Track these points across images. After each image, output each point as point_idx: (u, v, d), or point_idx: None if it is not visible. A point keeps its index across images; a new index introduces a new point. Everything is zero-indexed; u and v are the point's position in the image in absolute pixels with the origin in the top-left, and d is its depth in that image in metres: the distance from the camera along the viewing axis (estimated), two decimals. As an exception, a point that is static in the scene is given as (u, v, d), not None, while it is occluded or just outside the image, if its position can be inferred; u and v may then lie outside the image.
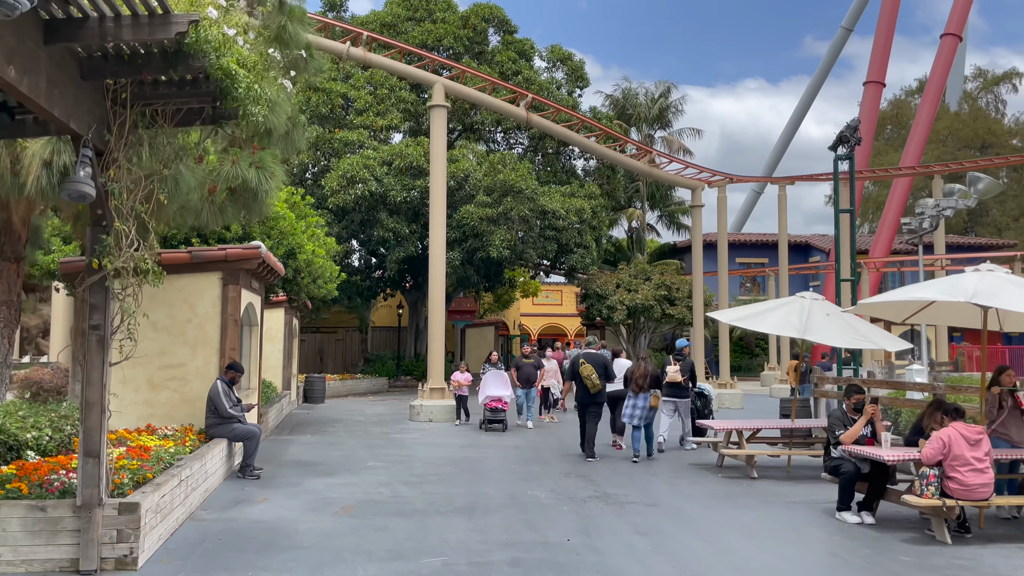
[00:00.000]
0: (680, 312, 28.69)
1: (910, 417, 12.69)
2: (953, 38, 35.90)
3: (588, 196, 28.78)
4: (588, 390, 11.89)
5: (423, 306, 35.83)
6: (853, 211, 13.99)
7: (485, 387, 15.40)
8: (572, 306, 61.99)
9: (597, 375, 11.87)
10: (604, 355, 12.56)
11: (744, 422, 11.64)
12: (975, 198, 12.74)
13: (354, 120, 28.79)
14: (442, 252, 18.25)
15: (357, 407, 21.81)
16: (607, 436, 13.69)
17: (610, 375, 12.19)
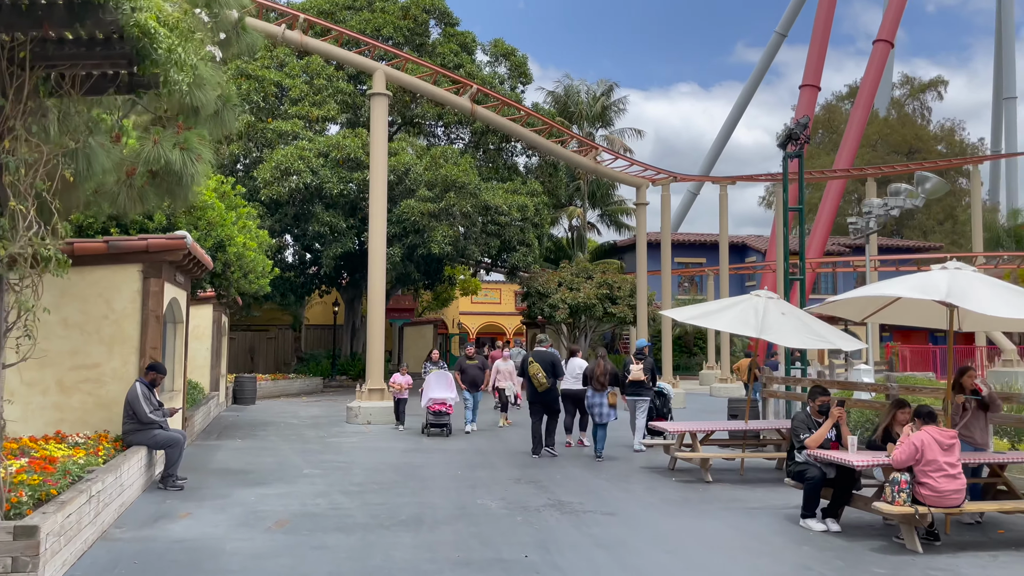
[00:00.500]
0: (622, 311, 28.53)
1: (859, 418, 12.58)
2: (885, 44, 36.71)
3: (530, 193, 28.33)
4: (536, 389, 12.23)
5: (360, 304, 34.86)
6: (802, 209, 13.87)
7: (428, 389, 14.43)
8: (511, 305, 61.63)
9: (544, 374, 12.14)
10: (553, 354, 12.65)
11: (698, 424, 11.30)
12: (922, 198, 12.73)
13: (289, 110, 27.71)
14: (382, 247, 17.51)
15: (290, 408, 20.86)
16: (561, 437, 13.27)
17: (558, 373, 12.35)
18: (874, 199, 14.35)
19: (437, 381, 14.42)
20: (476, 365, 15.31)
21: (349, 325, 34.53)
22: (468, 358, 15.52)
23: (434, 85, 19.10)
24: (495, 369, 16.51)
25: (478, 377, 15.21)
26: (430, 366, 15.30)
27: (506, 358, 16.77)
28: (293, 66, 28.32)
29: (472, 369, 15.23)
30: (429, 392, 14.41)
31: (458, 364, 15.51)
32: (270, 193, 25.32)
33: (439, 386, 14.39)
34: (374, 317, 17.31)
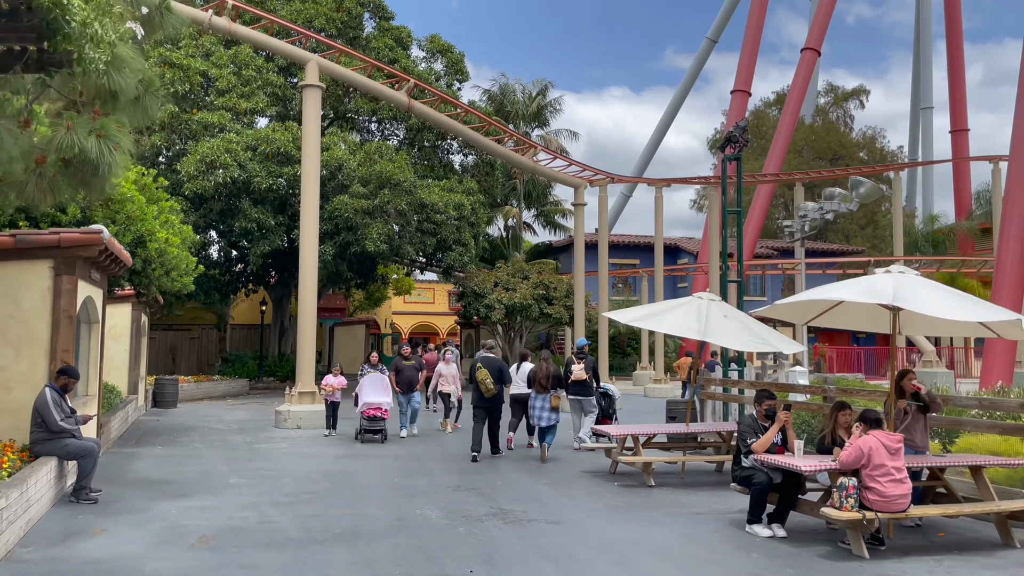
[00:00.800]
0: (558, 311, 28.43)
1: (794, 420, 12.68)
2: (812, 52, 37.69)
3: (467, 192, 27.99)
4: (483, 395, 12.19)
5: (289, 302, 33.90)
6: (740, 212, 13.94)
7: (363, 392, 13.80)
8: (445, 304, 61.06)
9: (492, 380, 12.14)
10: (500, 360, 12.75)
11: (640, 427, 11.17)
12: (856, 202, 12.93)
13: (215, 101, 26.67)
14: (314, 244, 16.92)
15: (215, 412, 20.02)
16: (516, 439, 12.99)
17: (505, 379, 12.47)
18: (809, 203, 14.57)
19: (372, 384, 13.79)
20: (412, 366, 14.74)
21: (277, 325, 33.56)
22: (404, 358, 14.91)
23: (369, 79, 18.54)
24: (437, 373, 15.95)
25: (414, 378, 14.63)
26: (367, 368, 14.56)
27: (448, 361, 16.17)
28: (220, 55, 27.29)
29: (408, 370, 14.66)
30: (363, 396, 13.78)
31: (393, 364, 14.86)
32: (194, 187, 24.32)
33: (374, 389, 13.76)
34: (305, 316, 16.70)
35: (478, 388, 12.12)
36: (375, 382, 13.88)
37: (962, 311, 6.84)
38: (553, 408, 12.14)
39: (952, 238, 38.75)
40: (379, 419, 13.75)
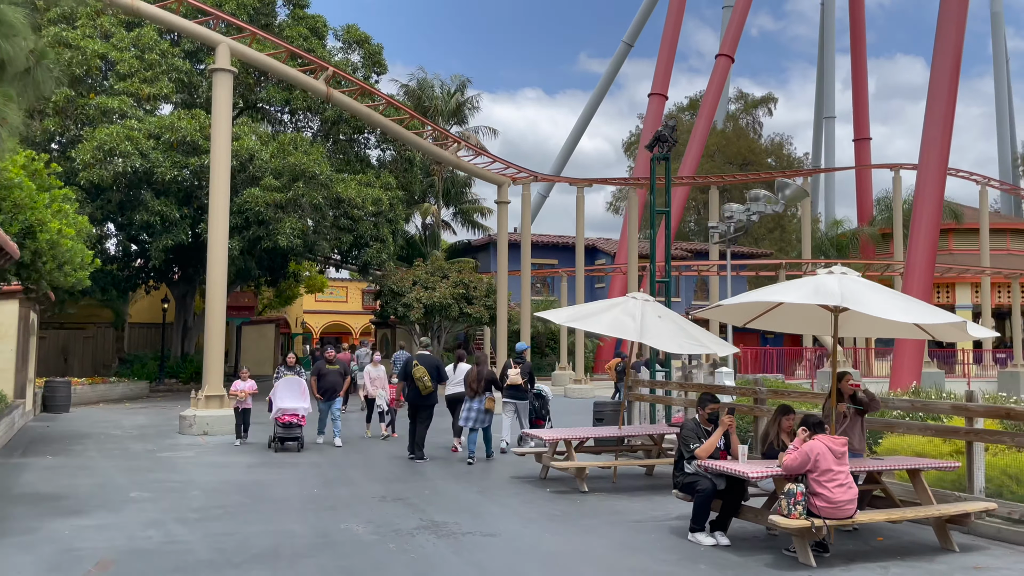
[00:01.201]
0: (478, 311, 27.99)
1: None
2: (726, 59, 38.50)
3: (385, 187, 27.19)
4: (420, 392, 12.04)
5: (193, 300, 32.30)
6: (669, 212, 13.84)
7: (277, 397, 12.67)
8: (358, 303, 59.83)
9: (429, 377, 12.02)
10: (437, 359, 12.80)
11: (572, 431, 10.83)
12: (782, 203, 13.02)
13: (115, 86, 25.06)
14: (224, 237, 15.94)
15: (112, 417, 18.70)
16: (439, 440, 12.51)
17: (442, 377, 12.49)
18: (734, 204, 14.65)
19: (288, 388, 12.78)
20: (337, 371, 13.66)
21: (180, 323, 31.93)
22: (328, 362, 13.79)
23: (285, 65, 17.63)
24: (367, 376, 15.04)
25: (337, 384, 13.55)
26: (283, 371, 13.42)
27: (376, 363, 15.22)
28: (121, 37, 25.67)
29: (332, 375, 13.53)
30: (278, 401, 12.68)
31: (316, 368, 13.76)
32: (91, 176, 22.78)
33: (290, 394, 12.74)
34: (213, 315, 15.71)
35: (414, 386, 12.03)
36: (291, 386, 12.86)
37: (907, 313, 6.75)
38: (487, 410, 12.05)
39: (855, 242, 40.30)
40: (295, 426, 12.67)
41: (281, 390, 12.78)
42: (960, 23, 19.54)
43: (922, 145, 19.34)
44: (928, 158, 19.25)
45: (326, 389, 13.46)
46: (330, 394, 13.47)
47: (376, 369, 15.03)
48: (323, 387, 13.45)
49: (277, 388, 12.86)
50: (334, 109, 27.48)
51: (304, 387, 12.97)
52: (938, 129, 19.12)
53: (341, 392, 13.69)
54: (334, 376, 13.57)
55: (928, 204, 18.97)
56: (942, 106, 19.24)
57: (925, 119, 19.44)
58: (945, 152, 19.26)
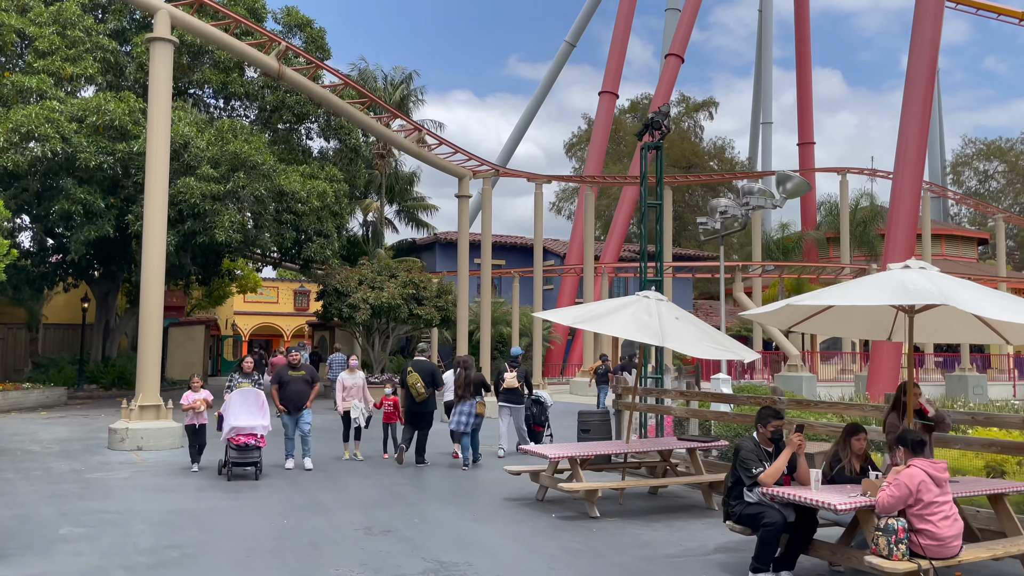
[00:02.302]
0: (429, 313, 26.58)
1: (723, 431, 11.70)
2: (676, 59, 38.08)
3: (329, 179, 25.53)
4: (414, 399, 11.82)
5: (116, 299, 29.92)
6: (661, 205, 12.84)
7: (230, 412, 10.62)
8: (290, 304, 57.39)
9: (423, 384, 11.80)
10: (432, 364, 12.49)
11: (578, 447, 9.64)
12: (783, 198, 12.18)
13: (34, 63, 22.73)
14: (162, 228, 14.22)
15: (26, 428, 16.65)
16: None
17: (437, 383, 12.24)
18: (722, 200, 13.76)
19: (243, 401, 10.70)
20: (302, 378, 11.56)
21: (102, 324, 29.48)
22: (292, 367, 11.66)
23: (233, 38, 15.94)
24: (340, 386, 12.80)
25: (304, 394, 11.50)
26: (238, 379, 11.25)
27: (353, 369, 12.89)
28: (40, 12, 23.38)
29: (297, 383, 11.47)
30: (231, 417, 10.57)
31: (277, 375, 11.72)
32: (4, 162, 20.50)
33: (245, 408, 10.65)
34: (149, 313, 13.95)
35: (409, 393, 11.89)
36: (248, 398, 10.78)
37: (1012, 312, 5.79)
38: (477, 414, 11.97)
39: (800, 246, 40.43)
40: (252, 448, 10.51)
41: (235, 404, 10.70)
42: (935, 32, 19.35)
43: (898, 149, 18.98)
44: (905, 163, 18.88)
45: (291, 400, 11.43)
46: (296, 406, 11.45)
47: (352, 377, 12.79)
48: (287, 398, 11.44)
49: (230, 401, 10.75)
50: (275, 94, 25.72)
51: (263, 400, 10.92)
52: (914, 139, 18.83)
53: (309, 403, 11.53)
54: (299, 384, 11.51)
55: (905, 210, 18.57)
56: (918, 115, 18.95)
57: (901, 121, 19.11)
58: (921, 161, 19.02)
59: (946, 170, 59.45)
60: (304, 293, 57.77)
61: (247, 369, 11.47)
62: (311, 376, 11.80)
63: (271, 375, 27.89)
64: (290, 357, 11.93)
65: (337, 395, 12.81)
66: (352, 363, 13.21)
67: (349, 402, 12.51)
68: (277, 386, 11.60)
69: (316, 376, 11.92)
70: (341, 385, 12.83)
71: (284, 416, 11.53)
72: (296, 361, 11.83)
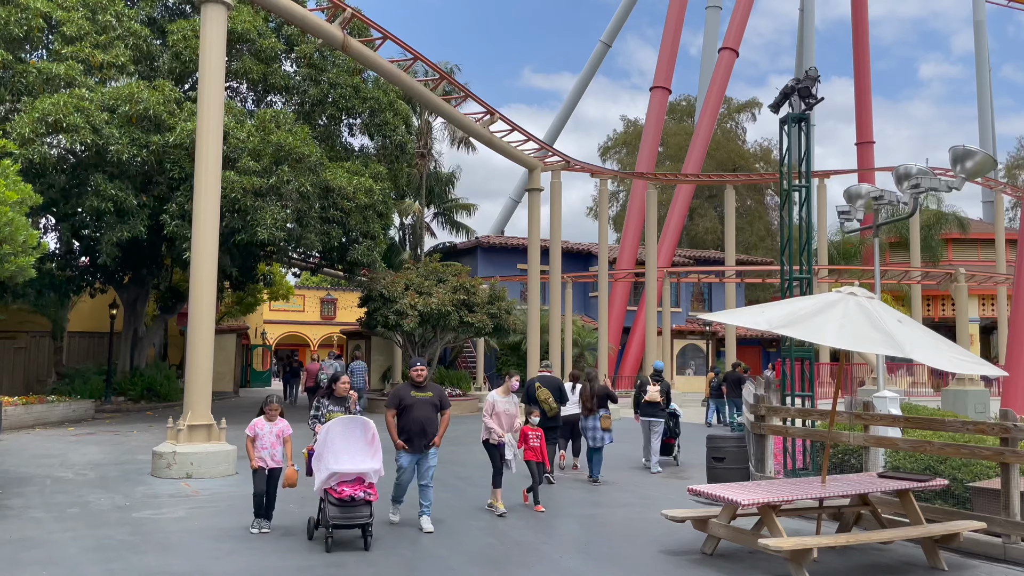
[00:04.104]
0: (480, 320, 24.59)
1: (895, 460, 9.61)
2: (731, 52, 36.10)
3: (375, 177, 23.69)
4: (546, 414, 11.34)
5: (144, 306, 28.14)
6: (809, 187, 10.83)
7: (328, 452, 7.55)
8: (316, 313, 55.63)
9: (553, 398, 11.49)
10: (558, 379, 12.19)
11: (774, 488, 7.56)
12: (962, 178, 10.20)
13: (61, 50, 21.05)
14: (214, 222, 12.33)
15: (55, 447, 14.81)
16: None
17: (563, 398, 11.87)
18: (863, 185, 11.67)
19: (346, 434, 7.66)
20: (429, 401, 8.44)
21: (130, 333, 27.69)
22: (415, 385, 8.51)
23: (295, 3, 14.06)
24: (491, 410, 9.46)
25: (431, 424, 8.38)
26: (328, 405, 8.39)
27: (508, 389, 9.72)
28: (68, -6, 21.73)
29: (423, 409, 8.36)
30: (330, 458, 7.52)
31: (395, 397, 8.51)
32: (30, 154, 18.78)
33: (349, 445, 7.62)
34: (201, 318, 12.03)
35: (540, 409, 11.20)
36: (351, 431, 7.70)
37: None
38: (604, 429, 11.87)
39: (861, 250, 38.23)
40: (360, 504, 7.39)
41: (335, 438, 7.63)
42: None
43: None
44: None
45: (414, 431, 8.30)
46: (421, 440, 8.33)
47: (507, 400, 9.60)
48: (409, 427, 8.32)
49: (327, 436, 7.67)
50: (318, 87, 23.92)
51: (373, 431, 7.82)
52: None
53: (439, 437, 8.45)
54: (426, 409, 8.36)
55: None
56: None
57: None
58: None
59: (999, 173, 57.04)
60: (331, 301, 56.07)
61: (341, 392, 8.53)
62: (440, 399, 8.60)
63: (307, 384, 26.33)
64: (413, 372, 8.56)
65: (487, 421, 9.51)
66: (512, 382, 9.81)
67: (502, 433, 9.38)
68: (395, 411, 8.50)
69: (446, 399, 8.73)
70: (491, 408, 9.52)
71: (401, 454, 8.38)
72: (421, 378, 8.55)
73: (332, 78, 23.68)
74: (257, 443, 8.04)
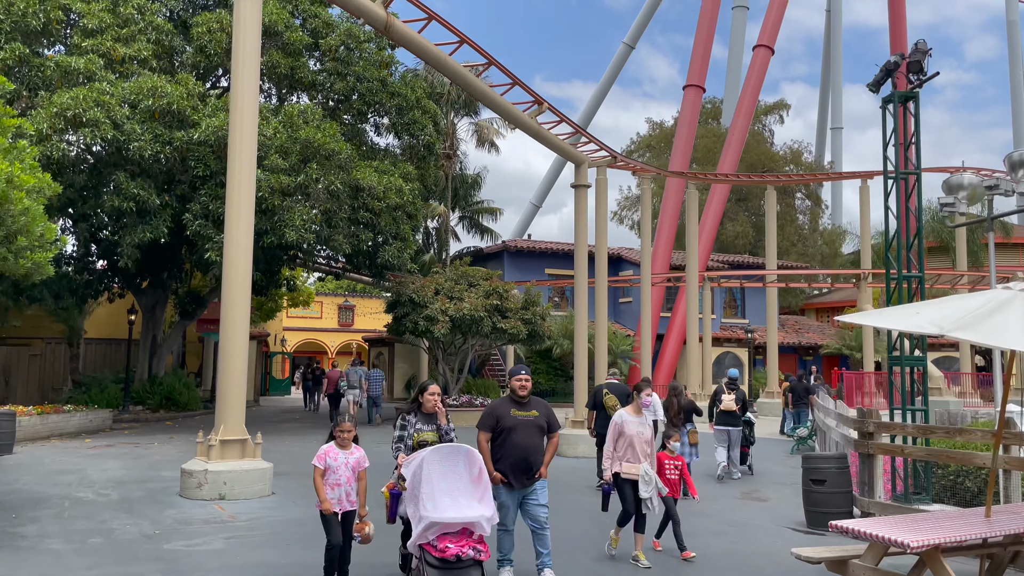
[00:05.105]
0: (514, 326, 23.45)
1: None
2: (766, 49, 34.90)
3: (404, 176, 22.61)
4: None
5: (163, 311, 27.16)
6: (919, 174, 9.68)
7: (422, 491, 5.65)
8: (333, 320, 54.65)
9: (621, 405, 10.61)
10: (625, 387, 11.96)
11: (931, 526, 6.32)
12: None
13: (81, 43, 20.13)
14: (249, 218, 11.23)
15: (73, 462, 13.74)
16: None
17: None
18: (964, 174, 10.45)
19: (446, 468, 5.77)
20: (533, 423, 6.56)
21: (148, 339, 26.67)
22: (517, 401, 6.64)
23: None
24: (616, 432, 7.40)
25: (536, 451, 6.52)
26: (417, 424, 6.39)
27: (638, 406, 7.67)
28: (87, -15, 20.81)
29: (526, 432, 6.51)
30: (426, 501, 5.60)
31: (490, 415, 6.60)
32: (48, 151, 17.81)
33: (451, 483, 5.74)
34: (233, 327, 10.96)
35: (605, 416, 11.07)
36: (452, 464, 5.81)
37: None
38: (692, 444, 11.56)
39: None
40: (470, 565, 5.48)
41: (431, 475, 5.70)
42: None
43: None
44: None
45: (514, 461, 6.44)
46: (524, 472, 6.47)
47: (639, 421, 7.52)
48: (509, 456, 6.44)
49: (421, 471, 5.71)
50: (344, 82, 22.86)
51: (479, 465, 5.88)
52: None
53: (545, 468, 6.54)
54: (529, 433, 6.50)
55: None
56: None
57: None
58: None
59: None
60: (349, 308, 55.12)
61: (429, 407, 6.41)
62: (548, 419, 6.66)
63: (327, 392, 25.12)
64: (515, 382, 6.62)
65: (608, 444, 7.50)
66: (645, 399, 7.89)
67: (632, 464, 7.35)
68: (490, 434, 6.56)
69: (555, 419, 6.75)
70: (617, 432, 7.46)
71: (500, 490, 6.39)
72: (525, 391, 6.61)
73: (359, 71, 22.64)
74: (329, 478, 6.08)
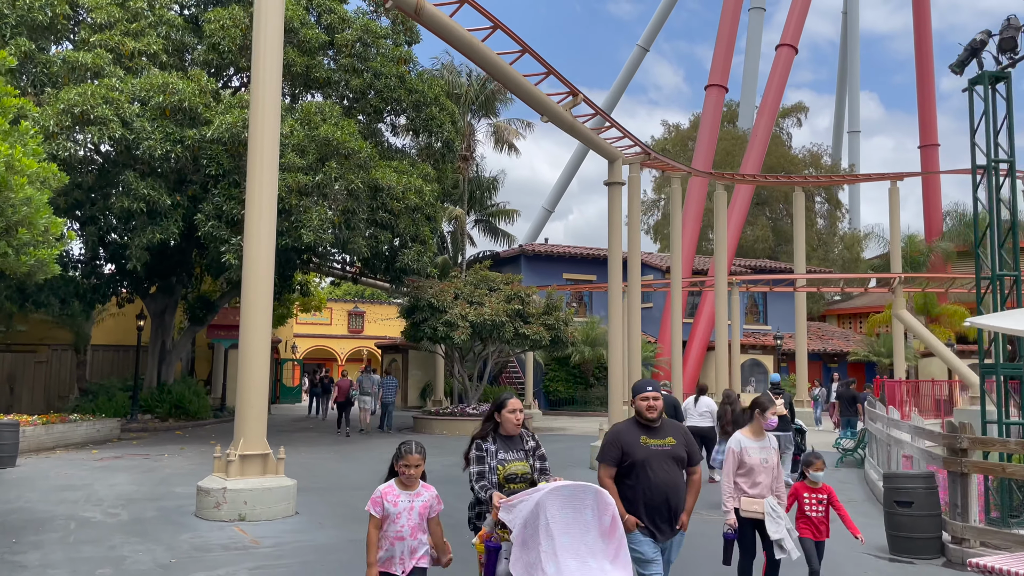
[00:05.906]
0: (536, 332, 22.60)
1: None
2: (789, 48, 34.05)
3: (423, 177, 21.78)
4: None
5: (173, 317, 26.33)
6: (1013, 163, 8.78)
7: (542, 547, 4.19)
8: (343, 326, 53.77)
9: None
10: (674, 398, 12.47)
11: None
12: None
13: (89, 38, 19.40)
14: (272, 216, 10.36)
15: (79, 475, 12.90)
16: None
17: (680, 418, 11.93)
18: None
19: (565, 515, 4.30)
20: (669, 454, 5.01)
21: (157, 346, 25.86)
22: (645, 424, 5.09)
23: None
24: (735, 461, 5.90)
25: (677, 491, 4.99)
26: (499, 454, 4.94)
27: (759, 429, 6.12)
28: (95, -21, 20.07)
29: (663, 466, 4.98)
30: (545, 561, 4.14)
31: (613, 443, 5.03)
32: (55, 150, 17.03)
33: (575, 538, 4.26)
34: (253, 333, 10.05)
35: None
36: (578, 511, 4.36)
37: None
38: None
39: (928, 257, 35.91)
40: None
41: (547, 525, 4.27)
42: None
43: None
44: None
45: (654, 506, 4.93)
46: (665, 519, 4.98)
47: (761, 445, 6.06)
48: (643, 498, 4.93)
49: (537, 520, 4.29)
50: (361, 78, 22.03)
51: (612, 514, 4.44)
52: None
53: (686, 515, 5.05)
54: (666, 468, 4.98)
55: None
56: None
57: None
58: None
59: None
60: (359, 314, 54.24)
61: (511, 429, 5.00)
62: (688, 449, 5.12)
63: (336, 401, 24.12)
64: (641, 401, 5.04)
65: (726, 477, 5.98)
66: (769, 417, 6.17)
67: (754, 499, 5.84)
68: (615, 469, 5.00)
69: (695, 449, 5.21)
70: (737, 462, 5.94)
71: (639, 538, 4.86)
72: (655, 413, 5.04)
73: (376, 67, 21.83)
74: (388, 529, 4.43)
